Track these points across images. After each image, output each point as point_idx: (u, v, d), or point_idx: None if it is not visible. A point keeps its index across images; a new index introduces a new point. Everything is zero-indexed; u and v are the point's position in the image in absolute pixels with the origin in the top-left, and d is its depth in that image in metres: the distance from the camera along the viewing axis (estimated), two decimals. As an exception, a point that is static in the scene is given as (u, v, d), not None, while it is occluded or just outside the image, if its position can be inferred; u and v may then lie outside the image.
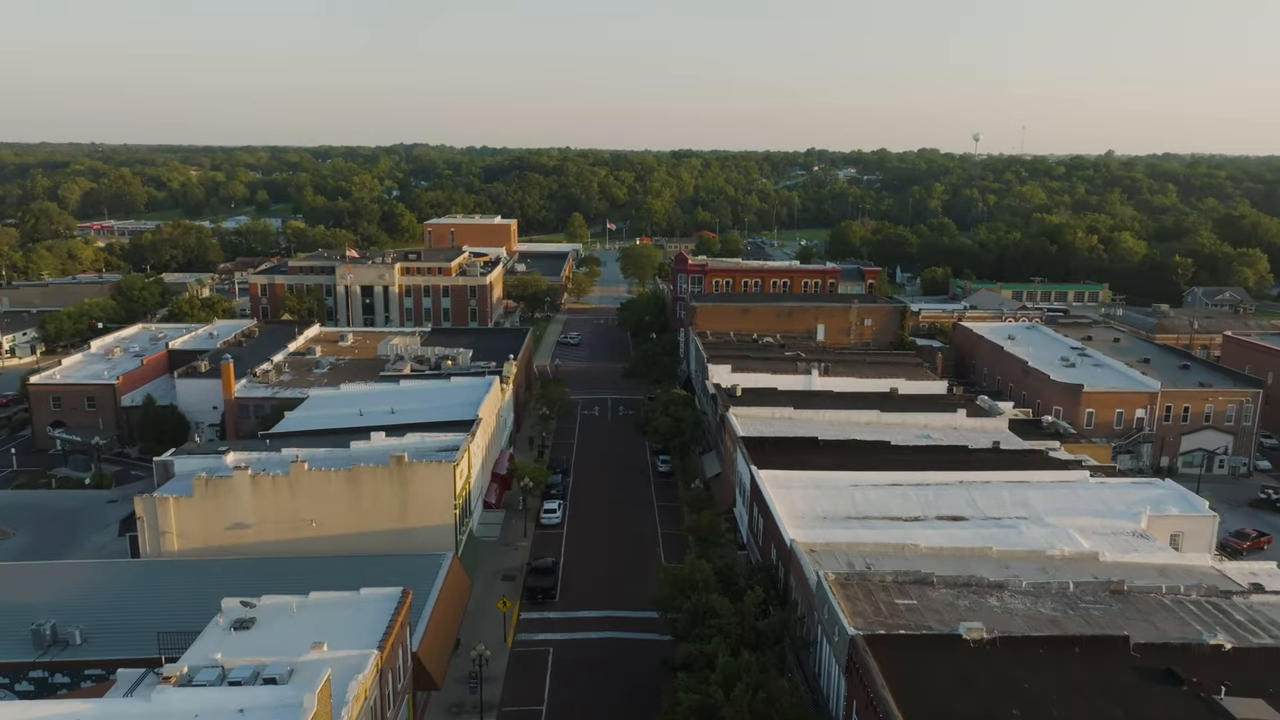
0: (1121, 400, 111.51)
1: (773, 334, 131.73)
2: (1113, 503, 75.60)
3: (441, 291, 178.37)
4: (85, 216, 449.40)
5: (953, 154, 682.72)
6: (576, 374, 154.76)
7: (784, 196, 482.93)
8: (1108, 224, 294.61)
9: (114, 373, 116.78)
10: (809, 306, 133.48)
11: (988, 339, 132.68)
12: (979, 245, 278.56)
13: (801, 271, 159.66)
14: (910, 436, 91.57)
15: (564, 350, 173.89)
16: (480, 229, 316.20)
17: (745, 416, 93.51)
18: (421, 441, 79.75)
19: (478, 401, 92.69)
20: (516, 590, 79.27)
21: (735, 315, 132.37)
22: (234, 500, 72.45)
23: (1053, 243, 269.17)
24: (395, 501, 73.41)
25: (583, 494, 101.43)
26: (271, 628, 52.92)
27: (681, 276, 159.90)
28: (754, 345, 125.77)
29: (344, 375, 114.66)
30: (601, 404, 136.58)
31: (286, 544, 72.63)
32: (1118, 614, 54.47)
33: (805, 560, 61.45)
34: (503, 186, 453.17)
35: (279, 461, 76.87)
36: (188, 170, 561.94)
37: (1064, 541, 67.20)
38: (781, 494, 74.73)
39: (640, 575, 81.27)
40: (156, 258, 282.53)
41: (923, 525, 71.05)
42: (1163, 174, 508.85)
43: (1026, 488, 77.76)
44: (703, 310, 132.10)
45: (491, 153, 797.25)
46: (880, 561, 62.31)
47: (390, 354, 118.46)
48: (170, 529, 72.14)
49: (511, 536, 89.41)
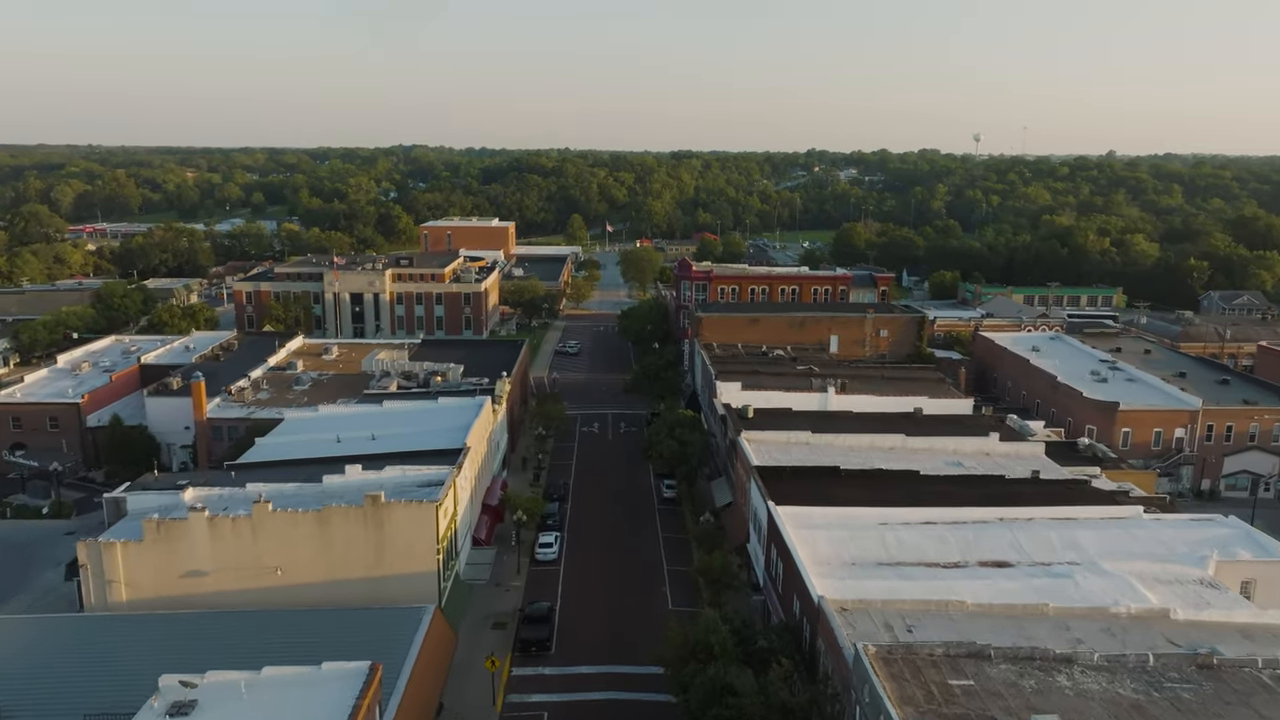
0: (1160, 419, 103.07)
1: (783, 346, 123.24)
2: (1173, 544, 67.13)
3: (434, 299, 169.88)
4: (79, 219, 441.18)
5: (954, 154, 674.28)
6: (575, 386, 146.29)
7: (785, 198, 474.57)
8: (1119, 226, 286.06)
9: (80, 390, 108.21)
10: (821, 317, 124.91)
11: (1011, 351, 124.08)
12: (987, 248, 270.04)
13: (811, 278, 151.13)
14: (940, 464, 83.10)
15: (562, 360, 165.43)
16: (478, 231, 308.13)
17: (759, 442, 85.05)
18: (402, 476, 71.25)
19: (467, 426, 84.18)
20: (508, 640, 70.82)
21: (743, 326, 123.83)
22: (189, 545, 63.93)
23: (1063, 245, 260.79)
24: (370, 547, 64.90)
25: (582, 524, 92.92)
26: (214, 713, 44.61)
27: (685, 283, 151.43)
28: (764, 358, 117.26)
29: (326, 393, 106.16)
30: (601, 420, 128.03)
31: (248, 594, 64.16)
32: (1211, 696, 46.01)
33: (836, 623, 52.99)
34: (501, 188, 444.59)
35: (243, 499, 68.41)
36: (184, 172, 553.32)
37: (1127, 594, 58.76)
38: (803, 535, 66.28)
39: (645, 622, 72.83)
40: (146, 262, 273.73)
41: (964, 574, 62.56)
42: (1167, 174, 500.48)
43: (1075, 526, 69.32)
44: (709, 321, 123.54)
45: (491, 154, 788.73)
46: (923, 624, 53.86)
47: (375, 370, 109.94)
48: (118, 578, 63.66)
49: (503, 575, 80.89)
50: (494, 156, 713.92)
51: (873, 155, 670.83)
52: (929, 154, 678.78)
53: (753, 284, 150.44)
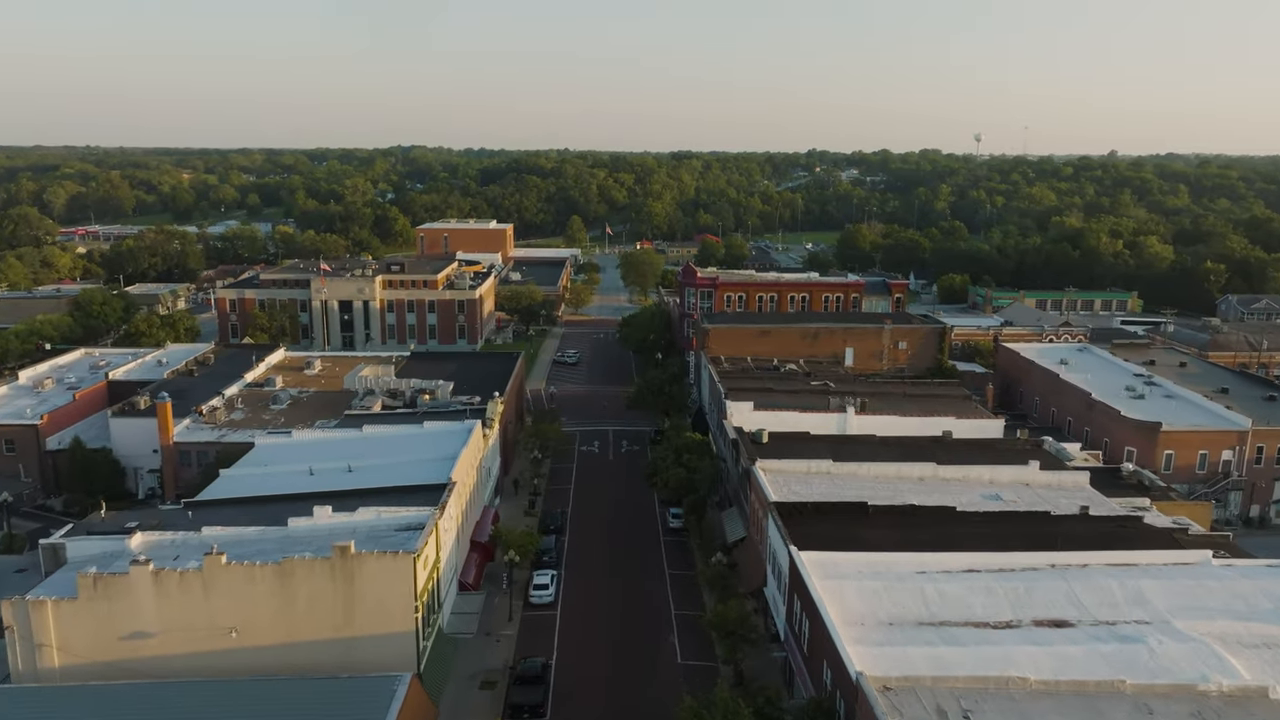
0: (1206, 440, 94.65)
1: (796, 359, 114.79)
2: (1253, 597, 58.67)
3: (427, 306, 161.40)
4: (72, 221, 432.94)
5: (956, 155, 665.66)
6: (574, 400, 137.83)
7: (787, 198, 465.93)
8: (1131, 227, 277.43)
9: (40, 409, 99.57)
10: (836, 328, 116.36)
11: (1039, 365, 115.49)
12: (997, 250, 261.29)
13: (822, 285, 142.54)
14: (976, 498, 74.65)
15: (560, 371, 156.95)
16: (475, 234, 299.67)
17: (775, 471, 76.54)
18: (377, 519, 62.71)
19: (454, 455, 75.70)
20: (498, 701, 62.39)
21: (753, 338, 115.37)
22: (132, 604, 55.37)
23: (1075, 248, 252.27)
24: (339, 604, 56.37)
25: (580, 560, 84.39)
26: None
27: (689, 290, 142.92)
28: (775, 373, 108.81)
29: (304, 413, 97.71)
30: (601, 438, 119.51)
31: (199, 659, 55.60)
32: (1345, 816, 37.72)
33: (880, 708, 44.65)
34: (500, 189, 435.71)
35: (197, 546, 59.95)
36: (179, 173, 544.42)
37: (1213, 665, 50.32)
38: (831, 587, 57.82)
39: (651, 680, 64.50)
40: (135, 265, 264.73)
41: (1019, 636, 54.12)
42: (1172, 174, 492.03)
43: (1138, 575, 60.82)
44: (716, 333, 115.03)
45: (490, 155, 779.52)
46: (981, 707, 45.45)
47: (359, 387, 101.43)
48: (49, 640, 55.14)
49: (494, 623, 72.40)
50: (493, 157, 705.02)
51: (874, 155, 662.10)
52: (930, 154, 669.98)
53: (761, 291, 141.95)
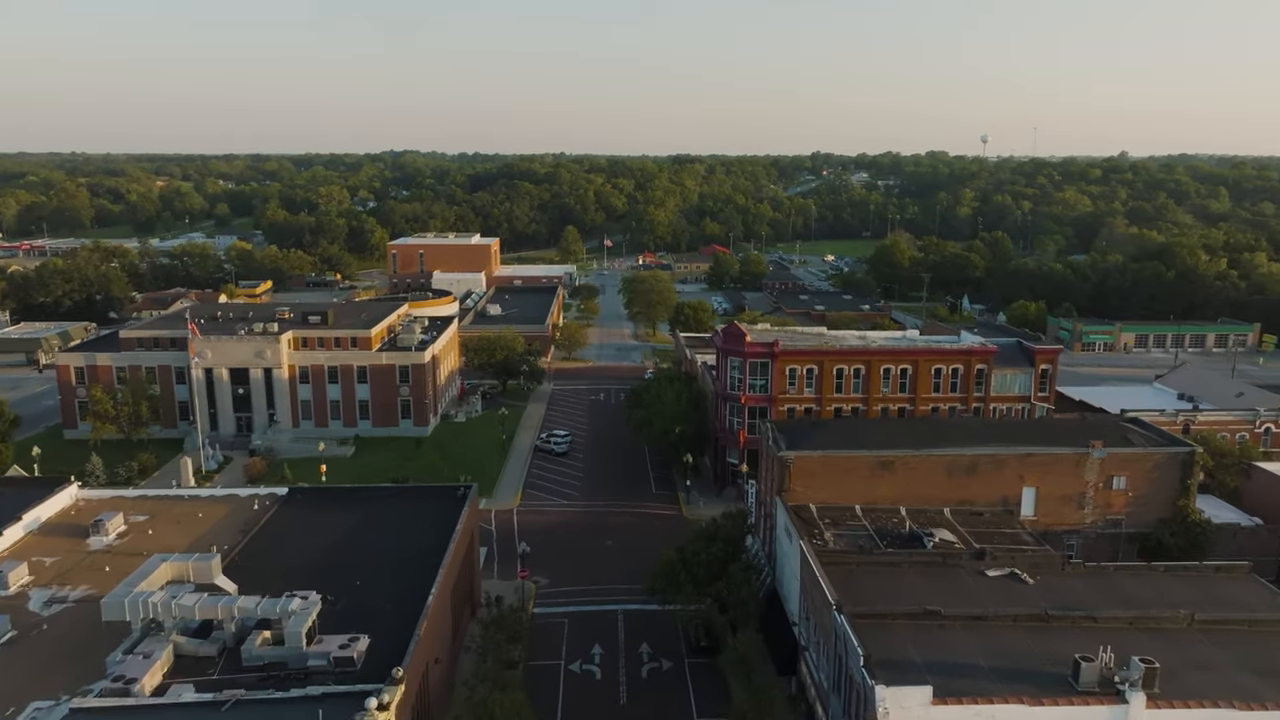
0: None
1: (937, 506, 63.86)
2: None
3: (356, 374, 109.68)
4: (25, 234, 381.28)
5: (964, 156, 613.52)
6: (560, 533, 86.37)
7: (799, 205, 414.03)
8: (1222, 240, 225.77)
9: None
10: (1007, 455, 64.91)
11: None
12: (1070, 270, 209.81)
13: (930, 353, 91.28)
14: None
15: (542, 468, 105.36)
16: (456, 250, 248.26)
17: None
18: None
19: None
20: None
21: (864, 473, 64.34)
22: None
23: (1167, 267, 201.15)
24: None
25: None
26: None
27: (733, 361, 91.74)
28: (914, 545, 57.58)
29: (18, 668, 45.97)
30: (607, 633, 68.05)
31: None
32: None
33: None
34: (489, 197, 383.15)
35: None
36: (153, 181, 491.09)
37: None
38: None
39: None
40: (47, 294, 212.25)
41: None
42: (1206, 176, 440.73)
43: None
44: (802, 465, 63.60)
45: (484, 159, 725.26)
46: None
47: (134, 617, 49.54)
48: None
49: None
50: (487, 162, 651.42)
51: (882, 158, 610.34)
52: (938, 155, 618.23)
53: (839, 361, 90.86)
